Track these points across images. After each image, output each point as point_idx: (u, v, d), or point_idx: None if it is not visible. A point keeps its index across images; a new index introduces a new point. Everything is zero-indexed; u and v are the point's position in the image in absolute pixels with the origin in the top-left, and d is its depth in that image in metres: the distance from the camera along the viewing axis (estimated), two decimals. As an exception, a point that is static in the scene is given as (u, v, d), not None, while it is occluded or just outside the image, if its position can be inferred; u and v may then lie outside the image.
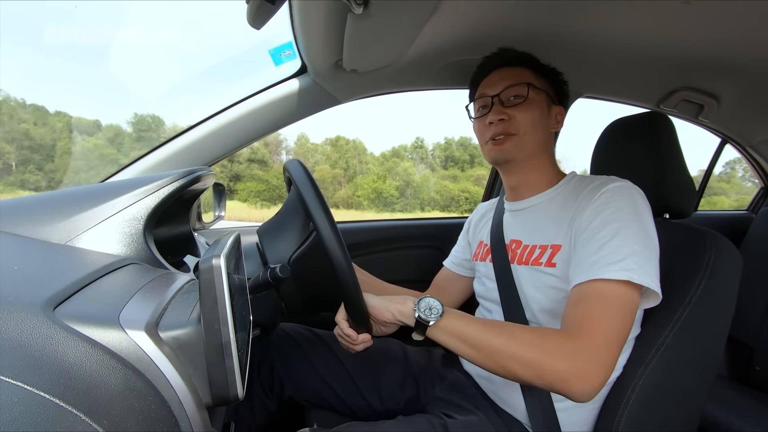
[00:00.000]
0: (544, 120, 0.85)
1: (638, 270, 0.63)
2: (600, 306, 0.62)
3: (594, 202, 0.72)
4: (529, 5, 0.91)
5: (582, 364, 0.58)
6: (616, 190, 0.72)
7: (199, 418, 0.40)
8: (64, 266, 0.47)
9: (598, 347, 0.59)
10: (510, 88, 0.84)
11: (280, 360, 0.92)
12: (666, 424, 0.75)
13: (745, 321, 1.45)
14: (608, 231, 0.67)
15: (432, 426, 0.75)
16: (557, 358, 0.59)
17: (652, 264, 0.65)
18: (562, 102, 0.90)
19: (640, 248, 0.65)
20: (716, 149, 1.95)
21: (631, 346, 0.78)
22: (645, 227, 0.68)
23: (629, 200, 0.71)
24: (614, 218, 0.68)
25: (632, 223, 0.68)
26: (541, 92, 0.85)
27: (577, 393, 0.58)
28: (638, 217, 0.69)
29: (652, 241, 0.68)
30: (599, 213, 0.70)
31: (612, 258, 0.64)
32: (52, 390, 0.27)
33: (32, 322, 0.33)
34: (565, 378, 0.58)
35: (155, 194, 0.68)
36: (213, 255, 0.42)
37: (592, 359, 0.58)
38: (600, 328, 0.60)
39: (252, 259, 0.75)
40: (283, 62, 1.07)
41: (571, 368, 0.58)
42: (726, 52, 1.06)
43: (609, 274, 0.63)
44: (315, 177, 0.68)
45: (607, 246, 0.66)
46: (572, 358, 0.58)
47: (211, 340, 0.40)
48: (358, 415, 0.92)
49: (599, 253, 0.66)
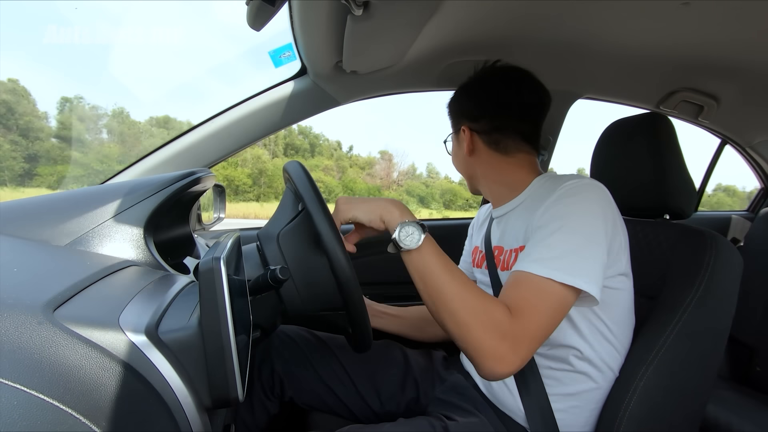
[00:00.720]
0: (456, 154, 0.93)
1: (568, 269, 0.62)
2: (537, 298, 0.63)
3: (549, 198, 0.71)
4: (529, 7, 0.91)
5: (504, 349, 0.59)
6: (571, 187, 0.71)
7: (199, 421, 0.40)
8: (63, 268, 0.47)
9: (525, 340, 0.60)
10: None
11: (281, 362, 0.92)
12: (667, 425, 0.74)
13: (745, 321, 1.44)
14: (551, 227, 0.67)
15: (432, 428, 0.75)
16: (487, 333, 0.60)
17: (587, 264, 0.64)
18: (475, 116, 0.86)
19: (577, 247, 0.64)
20: (716, 150, 1.95)
21: (627, 348, 0.78)
22: (590, 225, 0.66)
23: (581, 197, 0.69)
24: (559, 215, 0.68)
25: (575, 221, 0.67)
26: (452, 135, 0.94)
27: (486, 370, 0.60)
28: (584, 215, 0.67)
29: (594, 240, 0.66)
30: (549, 209, 0.69)
31: (545, 254, 0.64)
32: (51, 392, 0.27)
33: (32, 324, 0.33)
34: (483, 352, 0.60)
35: (155, 196, 0.68)
36: (213, 257, 0.42)
37: (516, 349, 0.60)
38: (535, 323, 0.61)
39: (252, 261, 0.75)
40: (283, 64, 1.07)
41: (492, 348, 0.59)
42: (726, 53, 1.06)
43: (539, 270, 0.63)
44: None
45: (544, 242, 0.66)
46: (500, 340, 0.59)
47: (211, 342, 0.40)
48: (358, 418, 0.92)
49: (537, 248, 0.66)
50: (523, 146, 0.84)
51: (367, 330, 0.71)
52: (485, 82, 0.86)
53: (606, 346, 0.75)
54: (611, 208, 0.71)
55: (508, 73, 0.84)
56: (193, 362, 0.41)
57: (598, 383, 0.75)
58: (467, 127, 0.86)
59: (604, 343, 0.75)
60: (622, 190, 0.93)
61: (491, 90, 0.84)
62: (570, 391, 0.75)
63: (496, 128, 0.84)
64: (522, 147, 0.84)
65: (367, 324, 0.70)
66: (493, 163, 0.85)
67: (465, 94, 0.89)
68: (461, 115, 0.88)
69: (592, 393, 0.75)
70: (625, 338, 0.78)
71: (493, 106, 0.84)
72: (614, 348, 0.76)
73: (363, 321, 0.69)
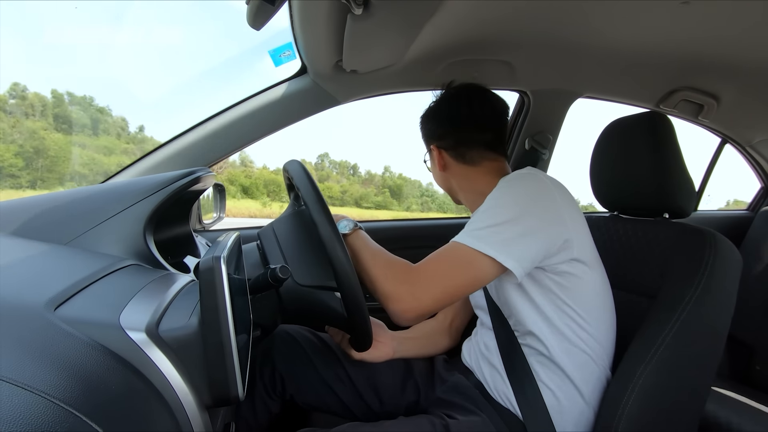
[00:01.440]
0: (433, 171, 0.98)
1: (485, 239, 0.70)
2: (440, 255, 0.74)
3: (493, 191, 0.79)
4: (529, 6, 0.91)
5: (401, 291, 0.72)
6: (510, 178, 0.79)
7: (200, 419, 0.40)
8: (64, 267, 0.47)
9: (418, 281, 0.72)
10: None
11: (282, 361, 0.92)
12: (666, 424, 0.75)
13: (745, 320, 1.45)
14: (482, 207, 0.76)
15: (433, 426, 0.75)
16: (388, 281, 0.73)
17: (504, 238, 0.70)
18: (439, 135, 0.94)
19: (499, 222, 0.71)
20: (716, 149, 1.95)
21: (608, 338, 0.79)
22: (518, 205, 0.73)
23: (517, 182, 0.77)
24: (492, 197, 0.77)
25: (504, 200, 0.75)
26: (428, 154, 0.98)
27: (391, 310, 0.72)
28: (516, 196, 0.75)
29: (521, 221, 0.72)
30: (488, 197, 0.78)
31: (470, 226, 0.74)
32: (52, 391, 0.27)
33: (33, 323, 0.33)
34: (386, 296, 0.72)
35: (155, 195, 0.68)
36: (213, 256, 0.42)
37: (411, 290, 0.71)
38: (427, 269, 0.73)
39: (252, 260, 0.75)
40: (283, 63, 1.07)
41: (392, 292, 0.72)
42: (725, 52, 1.06)
43: (458, 237, 0.73)
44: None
45: (473, 218, 0.75)
46: (399, 284, 0.72)
47: (211, 341, 0.40)
48: (358, 418, 0.92)
49: (468, 223, 0.75)
50: (487, 154, 0.91)
51: (367, 328, 0.71)
52: (442, 103, 0.95)
53: (579, 332, 0.76)
54: (549, 198, 0.76)
55: (460, 91, 0.94)
56: (193, 361, 0.41)
57: (580, 367, 0.77)
58: (435, 146, 0.94)
59: (576, 327, 0.76)
60: (621, 189, 0.93)
61: (448, 109, 0.94)
62: (554, 377, 0.77)
63: (459, 142, 0.91)
64: (487, 155, 0.91)
65: (367, 322, 0.70)
66: (464, 174, 0.93)
67: (428, 117, 0.97)
68: (429, 136, 0.97)
69: (577, 377, 0.76)
70: (601, 325, 0.79)
71: (451, 123, 0.92)
72: (588, 334, 0.77)
73: (363, 321, 0.69)
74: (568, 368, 0.76)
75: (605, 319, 0.80)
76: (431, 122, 0.96)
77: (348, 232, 0.82)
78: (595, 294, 0.79)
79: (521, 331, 0.81)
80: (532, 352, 0.79)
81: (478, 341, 0.91)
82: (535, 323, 0.77)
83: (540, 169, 0.87)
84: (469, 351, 0.95)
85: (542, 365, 0.78)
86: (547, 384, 0.77)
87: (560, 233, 0.74)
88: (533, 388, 0.77)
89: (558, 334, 0.76)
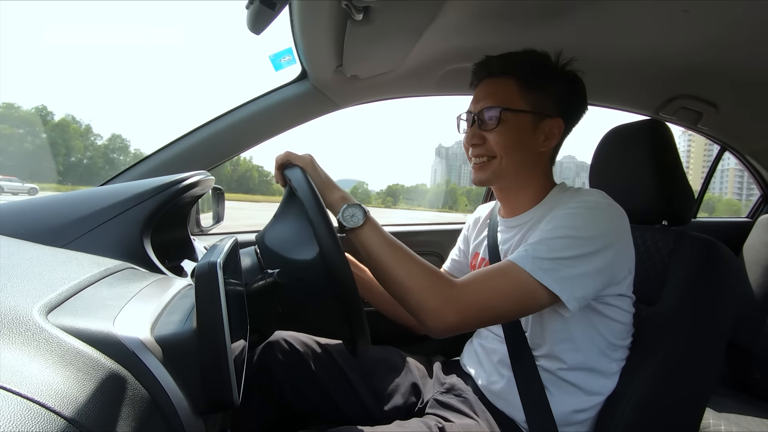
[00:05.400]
0: (525, 142, 0.79)
1: (552, 274, 0.64)
2: (495, 276, 0.66)
3: (567, 206, 0.72)
4: (528, 13, 0.92)
5: (444, 309, 0.64)
6: (593, 202, 0.72)
7: (194, 425, 0.39)
8: (59, 271, 0.46)
9: (464, 298, 0.65)
10: (487, 110, 0.79)
11: (279, 367, 0.91)
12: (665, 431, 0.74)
13: (744, 328, 1.44)
14: (556, 232, 0.68)
15: (429, 429, 0.75)
16: (428, 295, 0.65)
17: (573, 274, 0.64)
18: (568, 106, 0.81)
19: (573, 256, 0.65)
20: (715, 156, 1.96)
21: (626, 354, 0.78)
22: (598, 240, 0.67)
23: (600, 211, 0.71)
24: (570, 224, 0.68)
25: (585, 231, 0.67)
26: (522, 113, 0.78)
27: (429, 326, 0.65)
28: (598, 229, 0.68)
29: (596, 258, 0.66)
30: (563, 215, 0.71)
31: (537, 251, 0.66)
32: (43, 397, 0.27)
33: (25, 327, 0.32)
34: (425, 311, 0.65)
35: (153, 199, 0.68)
36: (210, 260, 0.42)
37: (456, 308, 0.64)
38: (479, 289, 0.66)
39: (249, 264, 0.75)
40: (283, 67, 1.07)
41: (433, 308, 0.65)
42: (724, 60, 1.06)
43: (521, 261, 0.65)
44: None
45: (544, 241, 0.67)
46: (441, 301, 0.64)
47: (207, 346, 0.40)
48: (356, 423, 0.91)
49: (533, 245, 0.67)
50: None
51: (365, 333, 0.71)
52: (577, 84, 0.82)
53: (601, 357, 0.75)
54: (625, 234, 0.71)
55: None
56: (188, 366, 0.40)
57: (593, 393, 0.76)
58: (561, 121, 0.80)
59: (600, 356, 0.75)
60: (621, 196, 0.92)
61: (581, 94, 0.83)
62: (564, 388, 0.76)
63: (568, 129, 0.83)
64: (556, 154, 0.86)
65: (365, 327, 0.70)
66: (542, 166, 0.83)
67: (563, 79, 0.81)
68: (556, 101, 0.80)
69: (589, 400, 0.75)
70: (624, 351, 0.78)
71: (582, 110, 0.84)
72: (609, 358, 0.76)
73: (361, 326, 0.69)
74: (580, 383, 0.76)
75: (626, 343, 0.79)
76: (571, 97, 0.82)
77: (360, 224, 0.71)
78: (627, 323, 0.78)
79: (540, 347, 0.78)
80: (546, 367, 0.77)
81: (483, 346, 0.90)
82: (559, 343, 0.75)
83: None
84: (469, 355, 0.94)
85: (554, 378, 0.77)
86: (554, 393, 0.76)
87: (625, 271, 0.72)
88: (541, 396, 0.75)
89: (580, 354, 0.75)
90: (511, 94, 0.78)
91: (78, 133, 36.68)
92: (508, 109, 0.77)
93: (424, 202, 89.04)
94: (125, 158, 34.50)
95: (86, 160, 45.80)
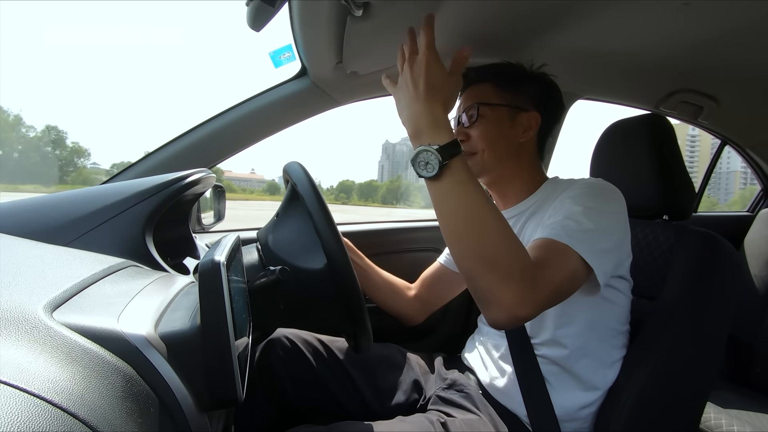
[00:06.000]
0: (504, 133, 0.84)
1: (590, 247, 0.63)
2: (558, 261, 0.61)
3: (571, 190, 0.74)
4: (529, 10, 0.91)
5: (526, 294, 0.56)
6: (597, 183, 0.75)
7: (198, 421, 0.40)
8: (62, 269, 0.47)
9: (546, 291, 0.58)
10: (467, 110, 0.86)
11: (282, 364, 0.92)
12: (665, 426, 0.74)
13: (745, 322, 1.44)
14: (580, 207, 0.68)
15: (431, 424, 0.75)
16: (511, 281, 0.55)
17: (605, 249, 0.65)
18: (543, 104, 0.87)
19: (602, 230, 0.66)
20: (716, 150, 1.96)
21: (625, 342, 0.79)
22: (614, 219, 0.70)
23: (607, 191, 0.74)
24: (588, 200, 0.70)
25: (603, 208, 0.70)
26: (498, 107, 0.84)
27: (504, 310, 0.56)
28: (610, 208, 0.71)
29: (615, 233, 0.68)
30: (569, 196, 0.72)
31: (573, 227, 0.65)
32: (49, 393, 0.27)
33: (30, 325, 0.32)
34: (499, 302, 0.56)
35: (155, 197, 0.68)
36: (212, 257, 0.42)
37: (534, 303, 0.56)
38: (557, 279, 0.60)
39: (252, 262, 0.75)
40: (283, 64, 1.07)
41: (511, 300, 0.55)
42: (725, 54, 1.06)
43: (565, 239, 0.63)
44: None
45: (572, 217, 0.67)
46: (521, 293, 0.55)
47: (211, 343, 0.40)
48: (358, 419, 0.92)
49: (564, 220, 0.67)
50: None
51: (367, 330, 0.71)
52: (546, 81, 0.89)
53: (602, 345, 0.76)
54: (626, 215, 0.73)
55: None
56: (192, 363, 0.41)
57: (593, 386, 0.76)
58: (537, 115, 0.85)
59: (600, 342, 0.76)
60: (621, 191, 0.93)
61: (556, 94, 0.90)
62: (564, 381, 0.77)
63: (547, 125, 0.88)
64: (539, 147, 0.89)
65: (367, 324, 0.70)
66: (526, 157, 0.87)
67: (537, 82, 0.88)
68: (531, 99, 0.86)
69: (590, 395, 0.76)
70: (623, 337, 0.79)
71: (558, 108, 0.90)
72: (610, 345, 0.76)
73: (364, 322, 0.69)
74: (581, 373, 0.76)
75: (625, 330, 0.80)
76: (542, 89, 0.88)
77: (433, 175, 0.59)
78: (626, 309, 0.79)
79: (541, 333, 0.79)
80: (547, 360, 0.78)
81: (484, 341, 0.91)
82: (561, 327, 0.76)
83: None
84: (471, 350, 0.94)
85: (555, 369, 0.77)
86: (555, 387, 0.77)
87: (628, 250, 0.74)
88: (543, 392, 0.76)
89: (580, 339, 0.76)
90: (488, 93, 0.86)
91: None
92: (485, 103, 0.85)
93: (377, 198, 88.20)
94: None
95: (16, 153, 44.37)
